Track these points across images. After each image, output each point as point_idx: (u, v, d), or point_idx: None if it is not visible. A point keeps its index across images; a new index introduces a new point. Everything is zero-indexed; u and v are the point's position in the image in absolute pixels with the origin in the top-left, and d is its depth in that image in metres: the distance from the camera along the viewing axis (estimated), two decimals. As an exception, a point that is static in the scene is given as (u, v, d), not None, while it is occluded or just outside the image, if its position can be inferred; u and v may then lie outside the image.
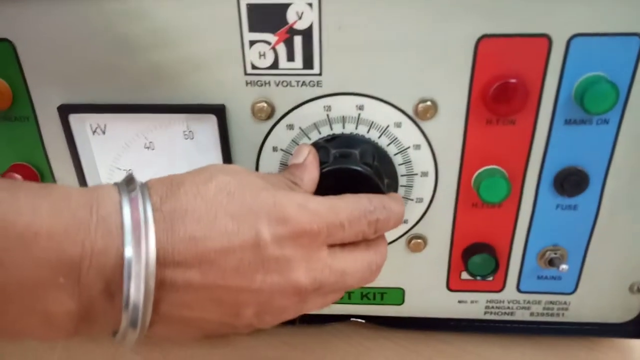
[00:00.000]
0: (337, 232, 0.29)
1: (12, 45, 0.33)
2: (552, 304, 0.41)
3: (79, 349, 0.43)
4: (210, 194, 0.26)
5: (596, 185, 0.36)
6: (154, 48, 0.33)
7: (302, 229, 0.27)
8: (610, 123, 0.34)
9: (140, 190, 0.26)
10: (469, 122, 0.34)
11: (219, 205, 0.26)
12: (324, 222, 0.28)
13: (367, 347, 0.43)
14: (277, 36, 0.32)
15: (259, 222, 0.26)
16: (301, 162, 0.32)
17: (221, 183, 0.27)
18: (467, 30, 0.31)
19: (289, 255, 0.27)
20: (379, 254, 0.31)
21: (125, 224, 0.24)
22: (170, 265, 0.25)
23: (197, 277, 0.25)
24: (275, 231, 0.27)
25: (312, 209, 0.28)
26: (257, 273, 0.26)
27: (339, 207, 0.29)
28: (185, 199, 0.26)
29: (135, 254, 0.24)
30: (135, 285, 0.24)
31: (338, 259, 0.29)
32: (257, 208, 0.27)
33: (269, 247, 0.26)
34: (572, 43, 0.31)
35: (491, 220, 0.37)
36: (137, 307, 0.24)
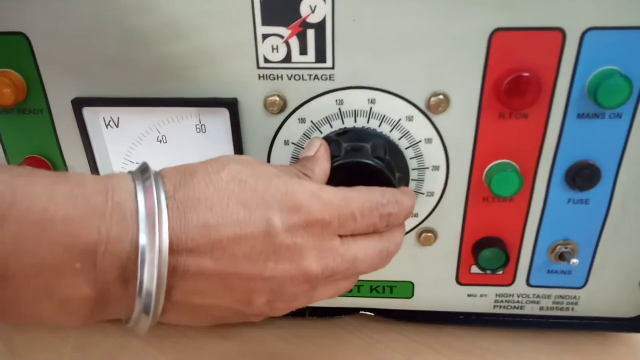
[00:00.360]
0: (349, 223, 0.29)
1: (27, 39, 0.34)
2: (562, 299, 0.41)
3: (91, 339, 0.44)
4: (223, 182, 0.27)
5: (608, 180, 0.36)
6: (168, 41, 0.33)
7: (314, 218, 0.27)
8: (623, 117, 0.33)
9: (154, 178, 0.26)
10: (482, 116, 0.34)
11: (231, 194, 0.26)
12: (336, 212, 0.28)
13: (377, 340, 0.43)
14: (290, 30, 0.32)
15: (271, 210, 0.27)
16: (313, 155, 0.32)
17: (233, 172, 0.27)
18: (481, 24, 0.31)
19: (300, 244, 0.27)
20: (392, 242, 0.31)
21: (140, 212, 0.24)
22: (183, 252, 0.25)
23: (209, 264, 0.26)
24: (287, 220, 0.27)
25: (325, 198, 0.28)
26: (269, 261, 0.27)
27: (352, 198, 0.29)
28: (199, 188, 0.26)
29: (150, 242, 0.24)
30: (149, 273, 0.24)
31: (350, 247, 0.29)
32: (269, 196, 0.27)
33: (280, 235, 0.27)
34: (586, 37, 0.31)
35: (502, 214, 0.38)
36: (150, 294, 0.24)
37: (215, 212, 0.26)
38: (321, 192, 0.28)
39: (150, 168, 0.27)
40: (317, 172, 0.31)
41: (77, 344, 0.44)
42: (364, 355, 0.42)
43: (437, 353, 0.42)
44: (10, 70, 0.35)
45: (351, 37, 0.32)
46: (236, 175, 0.27)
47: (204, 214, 0.25)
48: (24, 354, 0.43)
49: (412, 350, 0.42)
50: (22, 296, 0.24)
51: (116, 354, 0.43)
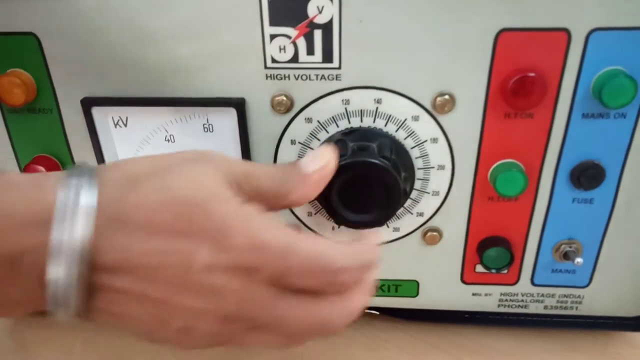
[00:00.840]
0: (283, 275, 0.25)
1: (37, 38, 0.34)
2: (566, 298, 0.42)
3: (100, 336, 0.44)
4: (158, 206, 0.25)
5: (612, 179, 0.36)
6: (176, 41, 0.33)
7: (243, 263, 0.25)
8: (627, 117, 0.34)
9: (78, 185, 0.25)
10: (487, 116, 0.34)
11: (162, 223, 0.25)
12: (271, 261, 0.25)
13: (382, 338, 0.44)
14: (298, 30, 0.32)
15: (199, 246, 0.25)
16: (308, 174, 0.29)
17: (173, 195, 0.25)
18: (487, 24, 0.31)
19: (221, 285, 0.25)
20: (341, 313, 0.27)
21: (58, 210, 0.24)
22: (102, 269, 0.25)
23: (127, 284, 0.25)
24: (213, 259, 0.25)
25: (262, 242, 0.25)
26: (186, 293, 0.25)
27: (298, 250, 0.25)
28: (129, 208, 0.25)
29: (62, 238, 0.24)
30: (63, 271, 0.24)
31: (279, 304, 0.26)
32: (200, 230, 0.25)
33: (201, 273, 0.25)
34: (591, 37, 0.31)
35: (507, 213, 0.38)
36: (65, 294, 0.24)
37: (141, 234, 0.25)
38: (263, 233, 0.25)
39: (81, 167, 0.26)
40: (295, 196, 0.28)
41: (86, 341, 0.44)
42: (368, 353, 0.43)
43: (442, 351, 0.42)
44: (20, 70, 0.35)
45: (358, 37, 0.32)
46: (176, 206, 0.25)
47: (129, 236, 0.25)
48: (35, 350, 0.44)
49: (416, 348, 0.43)
50: None
51: (125, 352, 0.43)
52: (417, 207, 0.38)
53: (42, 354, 0.43)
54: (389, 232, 0.39)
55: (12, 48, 0.35)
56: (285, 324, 0.26)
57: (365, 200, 0.34)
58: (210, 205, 0.25)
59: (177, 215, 0.25)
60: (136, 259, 0.25)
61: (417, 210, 0.38)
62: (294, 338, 0.27)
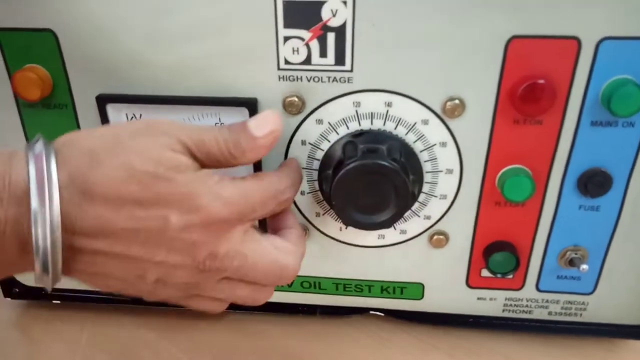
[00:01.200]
0: (249, 215, 0.30)
1: (54, 35, 0.35)
2: (571, 304, 0.42)
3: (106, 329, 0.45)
4: (123, 179, 0.27)
5: (619, 187, 0.36)
6: (191, 41, 0.34)
7: (212, 218, 0.28)
8: (635, 126, 0.34)
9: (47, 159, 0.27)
10: (496, 121, 0.34)
11: (129, 193, 0.27)
12: (236, 209, 0.29)
13: (386, 340, 0.44)
14: (311, 32, 0.33)
15: (169, 210, 0.28)
16: (256, 137, 0.30)
17: (136, 170, 0.27)
18: (498, 31, 0.32)
19: (195, 239, 0.28)
20: (290, 256, 0.32)
21: (31, 180, 0.26)
22: (78, 234, 0.27)
23: (103, 246, 0.28)
24: (184, 219, 0.28)
25: (226, 196, 0.29)
26: (161, 249, 0.28)
27: (252, 192, 0.30)
28: (96, 179, 0.27)
29: (40, 206, 0.26)
30: (42, 232, 0.26)
31: (246, 242, 0.30)
32: (168, 196, 0.28)
33: (175, 232, 0.28)
34: (601, 46, 0.32)
35: (514, 219, 0.38)
36: (46, 253, 0.26)
37: (111, 206, 0.27)
38: (223, 189, 0.29)
39: (41, 142, 0.28)
40: (242, 160, 0.30)
41: (91, 334, 0.45)
42: (373, 354, 0.43)
43: (446, 354, 0.43)
44: (37, 66, 0.36)
45: (370, 40, 0.33)
46: (138, 174, 0.27)
47: (100, 206, 0.27)
48: (41, 342, 0.44)
49: (421, 350, 0.43)
50: None
51: (130, 345, 0.44)
52: (425, 210, 0.38)
53: (49, 346, 0.44)
54: (395, 234, 0.40)
55: (29, 44, 0.35)
56: (248, 263, 0.30)
57: (374, 202, 0.34)
58: (171, 175, 0.28)
59: (142, 188, 0.27)
60: (114, 224, 0.27)
61: (425, 214, 0.38)
62: (255, 280, 0.32)
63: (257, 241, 0.31)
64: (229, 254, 0.30)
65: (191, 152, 0.29)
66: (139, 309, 0.46)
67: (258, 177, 0.31)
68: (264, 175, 0.32)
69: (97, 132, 0.29)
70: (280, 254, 0.32)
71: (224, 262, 0.30)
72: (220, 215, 0.29)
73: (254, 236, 0.31)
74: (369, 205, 0.35)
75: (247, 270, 0.31)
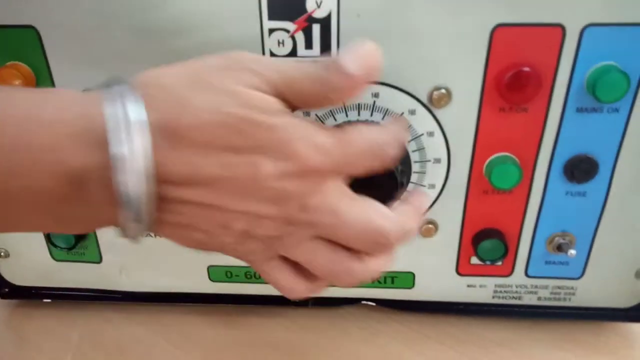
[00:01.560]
0: (344, 167, 0.28)
1: (36, 32, 0.34)
2: (559, 289, 0.42)
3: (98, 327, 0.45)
4: (214, 124, 0.25)
5: (605, 173, 0.36)
6: (176, 36, 0.33)
7: (307, 166, 0.26)
8: (620, 111, 0.34)
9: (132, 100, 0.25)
10: (482, 110, 0.35)
11: (220, 137, 0.25)
12: (331, 158, 0.27)
13: (378, 329, 0.44)
14: (296, 24, 0.33)
15: (262, 156, 0.26)
16: (350, 74, 0.27)
17: (228, 113, 0.25)
18: (483, 20, 0.32)
19: (288, 189, 0.27)
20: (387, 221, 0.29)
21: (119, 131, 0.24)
22: (167, 183, 0.25)
23: (192, 195, 0.26)
24: (278, 168, 0.26)
25: (321, 144, 0.27)
26: (252, 200, 0.26)
27: (350, 141, 0.28)
28: (187, 123, 0.25)
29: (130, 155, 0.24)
30: (134, 186, 0.24)
31: (340, 197, 0.28)
32: (262, 141, 0.26)
33: (268, 181, 0.26)
34: (585, 32, 0.32)
35: (501, 206, 0.38)
36: (138, 205, 0.25)
37: (200, 151, 0.25)
38: (318, 136, 0.27)
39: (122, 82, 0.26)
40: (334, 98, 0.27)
41: (84, 331, 0.45)
42: (365, 344, 0.43)
43: (437, 342, 0.43)
44: (20, 63, 0.35)
45: (355, 31, 0.33)
46: (229, 115, 0.25)
47: (189, 151, 0.25)
48: (33, 341, 0.44)
49: (411, 338, 0.43)
50: (20, 216, 0.25)
51: (122, 341, 0.44)
52: (414, 200, 0.38)
53: (41, 344, 0.44)
54: (385, 224, 0.40)
55: (11, 41, 0.35)
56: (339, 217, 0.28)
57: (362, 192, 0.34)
58: (264, 119, 0.26)
59: (234, 133, 0.25)
60: (203, 171, 0.25)
61: (414, 203, 0.39)
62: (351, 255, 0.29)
63: (353, 199, 0.28)
64: (320, 208, 0.27)
65: (280, 90, 0.27)
66: (129, 306, 0.46)
67: (356, 128, 0.28)
68: (362, 127, 0.28)
69: (179, 69, 0.27)
70: (377, 215, 0.28)
71: (314, 216, 0.27)
72: (316, 164, 0.26)
73: (350, 193, 0.29)
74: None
75: (338, 229, 0.28)
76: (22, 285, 0.46)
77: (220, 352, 0.43)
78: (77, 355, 0.43)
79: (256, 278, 0.44)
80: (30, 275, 0.45)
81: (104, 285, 0.45)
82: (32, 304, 0.47)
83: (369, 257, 0.29)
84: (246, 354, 0.43)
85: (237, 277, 0.44)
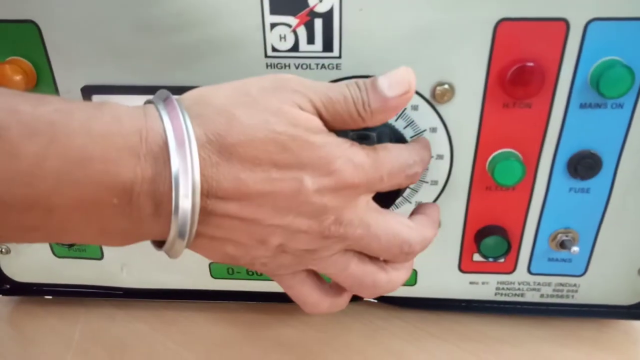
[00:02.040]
0: (376, 184, 0.29)
1: (37, 26, 0.34)
2: (562, 286, 0.42)
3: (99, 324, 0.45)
4: (259, 139, 0.26)
5: (609, 169, 0.36)
6: (177, 30, 0.33)
7: (345, 183, 0.28)
8: (624, 107, 0.34)
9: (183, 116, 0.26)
10: (486, 106, 0.34)
11: (267, 154, 0.27)
12: (366, 176, 0.29)
13: (380, 326, 0.44)
14: (298, 19, 0.32)
15: (304, 172, 0.27)
16: (387, 98, 0.28)
17: (274, 130, 0.27)
18: (486, 14, 0.32)
19: (326, 203, 0.28)
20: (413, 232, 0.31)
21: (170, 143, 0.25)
22: (212, 197, 0.26)
23: (234, 209, 0.27)
24: (318, 182, 0.27)
25: (358, 162, 0.28)
26: (290, 213, 0.28)
27: (383, 161, 0.29)
28: (233, 140, 0.26)
29: (182, 168, 0.25)
30: (184, 200, 0.25)
31: (370, 212, 0.30)
32: (304, 158, 0.27)
33: (309, 196, 0.27)
34: (589, 27, 0.32)
35: (504, 203, 0.38)
36: (185, 218, 0.26)
37: (247, 166, 0.26)
38: (355, 155, 0.28)
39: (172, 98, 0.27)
40: (370, 121, 0.29)
41: (85, 328, 0.45)
42: (367, 341, 0.43)
43: (439, 339, 0.43)
44: (20, 58, 0.35)
45: (358, 26, 0.32)
46: (275, 132, 0.27)
47: (236, 167, 0.26)
48: (34, 338, 0.44)
49: (413, 335, 0.43)
50: (66, 225, 0.25)
51: (124, 339, 0.44)
52: (416, 197, 0.38)
53: (43, 341, 0.44)
54: (387, 221, 0.40)
55: (12, 36, 0.35)
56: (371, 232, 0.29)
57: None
58: (308, 136, 0.27)
59: (280, 150, 0.27)
60: (249, 186, 0.26)
61: (416, 200, 0.38)
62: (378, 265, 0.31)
63: (380, 213, 0.30)
64: (353, 222, 0.29)
65: (319, 111, 0.28)
66: (131, 302, 0.46)
67: (387, 147, 0.30)
68: (392, 147, 0.31)
69: (226, 89, 0.28)
70: (402, 226, 0.31)
71: (347, 229, 0.29)
72: (352, 181, 0.28)
73: (378, 208, 0.30)
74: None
75: (369, 241, 0.30)
76: (24, 281, 0.46)
77: (222, 349, 0.43)
78: (79, 352, 0.43)
79: (258, 275, 0.44)
80: (31, 271, 0.45)
81: (105, 281, 0.45)
82: (34, 300, 0.47)
83: (392, 268, 0.32)
84: (248, 351, 0.43)
85: (239, 274, 0.44)
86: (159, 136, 0.25)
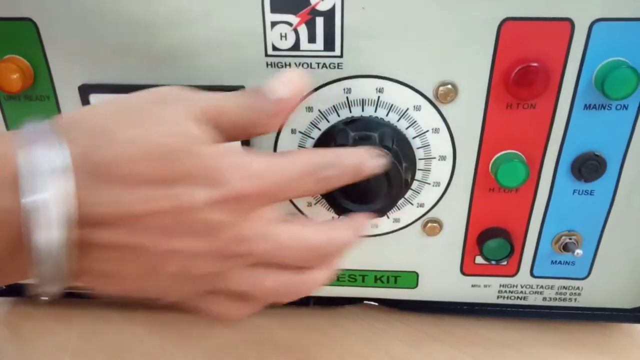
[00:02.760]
0: (281, 192, 0.27)
1: (34, 24, 0.34)
2: (565, 289, 0.42)
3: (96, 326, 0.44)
4: (140, 156, 0.24)
5: (613, 171, 0.36)
6: (176, 28, 0.33)
7: (237, 194, 0.25)
8: (629, 109, 0.34)
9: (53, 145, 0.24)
10: (489, 106, 0.34)
11: (149, 169, 0.24)
12: (265, 185, 0.26)
13: (380, 330, 0.44)
14: (299, 17, 0.32)
15: (191, 186, 0.25)
16: (279, 100, 0.28)
17: (155, 143, 0.24)
18: (490, 14, 0.31)
19: (219, 219, 0.25)
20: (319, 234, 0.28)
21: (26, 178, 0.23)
22: (87, 225, 0.24)
23: (116, 237, 0.24)
24: (207, 197, 0.25)
25: (255, 170, 0.26)
26: (180, 235, 0.25)
27: (286, 166, 0.27)
28: (108, 159, 0.24)
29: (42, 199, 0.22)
30: (46, 234, 0.23)
31: (274, 222, 0.27)
32: (191, 171, 0.25)
33: (197, 212, 0.25)
34: (594, 28, 0.31)
35: (507, 205, 0.38)
36: (50, 255, 0.23)
37: (126, 187, 0.24)
38: (251, 162, 0.26)
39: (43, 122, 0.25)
40: (267, 127, 0.28)
41: (82, 330, 0.44)
42: (367, 344, 0.43)
43: (441, 342, 0.42)
44: (17, 56, 0.35)
45: (360, 25, 0.32)
46: (156, 145, 0.24)
47: (115, 188, 0.24)
48: (31, 340, 0.43)
49: (415, 339, 0.43)
50: None
51: (121, 341, 0.43)
52: (418, 198, 0.38)
53: (39, 343, 0.43)
54: (389, 222, 0.39)
55: (9, 34, 0.34)
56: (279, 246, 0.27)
57: (366, 190, 0.34)
58: (194, 148, 0.25)
59: (159, 164, 0.24)
60: (125, 209, 0.24)
61: (418, 201, 0.38)
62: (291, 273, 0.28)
63: (285, 222, 0.28)
64: (257, 236, 0.26)
65: (213, 121, 0.26)
66: (128, 305, 0.45)
67: (292, 152, 0.28)
68: (302, 150, 0.29)
69: (107, 107, 0.26)
70: (308, 232, 0.28)
71: (250, 246, 0.26)
72: (246, 191, 0.25)
73: (282, 217, 0.28)
74: (362, 194, 0.34)
75: (277, 253, 0.27)
76: (20, 283, 0.45)
77: (221, 352, 0.42)
78: (76, 355, 0.42)
79: (257, 277, 0.43)
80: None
81: (102, 283, 0.45)
82: (30, 302, 0.46)
83: (310, 270, 0.29)
84: (247, 354, 0.42)
85: (238, 276, 0.44)
86: (18, 167, 0.23)
